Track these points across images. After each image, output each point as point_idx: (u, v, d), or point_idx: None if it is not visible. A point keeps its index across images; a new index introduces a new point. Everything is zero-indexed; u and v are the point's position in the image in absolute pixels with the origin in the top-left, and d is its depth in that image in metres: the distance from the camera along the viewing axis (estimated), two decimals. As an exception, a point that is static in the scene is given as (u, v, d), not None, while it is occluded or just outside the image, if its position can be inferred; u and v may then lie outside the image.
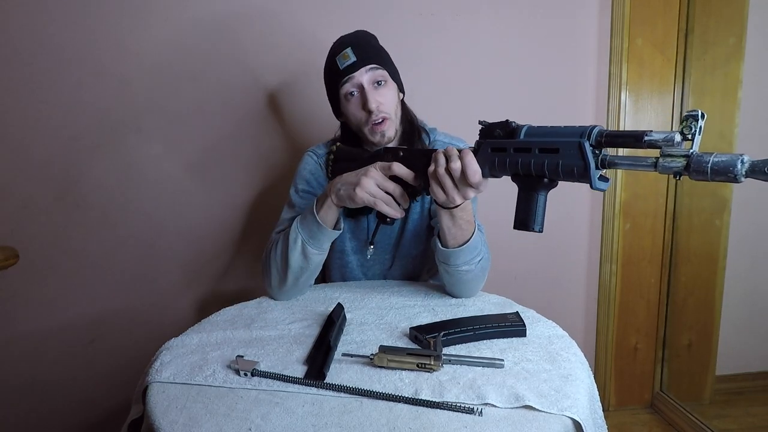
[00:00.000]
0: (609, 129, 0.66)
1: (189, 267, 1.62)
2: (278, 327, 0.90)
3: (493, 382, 0.70)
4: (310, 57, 1.57)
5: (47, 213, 1.52)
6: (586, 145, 0.65)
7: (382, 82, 1.08)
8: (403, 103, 1.17)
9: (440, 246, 0.97)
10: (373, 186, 0.90)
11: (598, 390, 0.78)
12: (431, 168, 0.84)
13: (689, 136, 0.56)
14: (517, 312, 0.91)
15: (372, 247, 1.05)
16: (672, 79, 1.77)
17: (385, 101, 1.08)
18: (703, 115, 0.55)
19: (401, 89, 1.16)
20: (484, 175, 0.80)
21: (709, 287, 1.82)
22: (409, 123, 1.17)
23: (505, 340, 0.84)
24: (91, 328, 1.60)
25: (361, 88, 1.06)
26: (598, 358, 1.91)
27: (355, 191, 0.89)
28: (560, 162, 0.68)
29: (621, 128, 1.75)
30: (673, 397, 1.88)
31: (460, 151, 0.82)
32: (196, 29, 1.52)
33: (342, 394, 0.69)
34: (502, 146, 0.76)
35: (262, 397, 0.69)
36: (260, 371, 0.73)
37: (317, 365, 0.74)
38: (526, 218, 0.75)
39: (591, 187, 0.66)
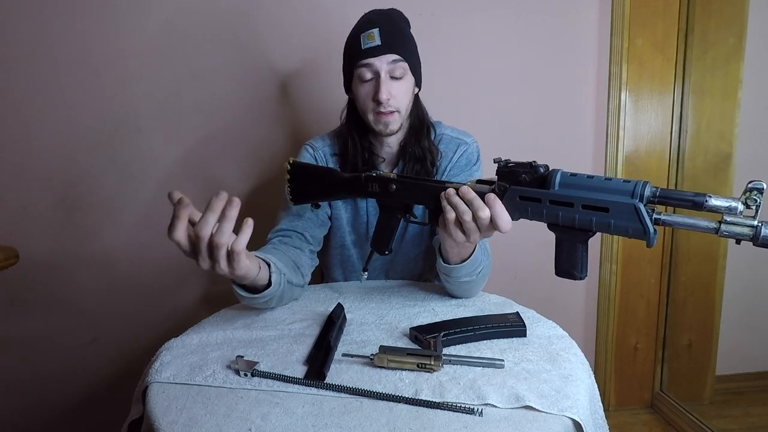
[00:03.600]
0: (660, 188, 0.63)
1: (189, 267, 1.62)
2: (278, 327, 0.90)
3: (494, 383, 0.70)
4: (309, 53, 1.57)
5: (47, 213, 1.52)
6: (642, 208, 0.62)
7: (400, 75, 1.04)
8: (416, 97, 1.13)
9: (442, 262, 0.96)
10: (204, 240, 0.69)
11: (598, 390, 0.78)
12: (451, 215, 0.77)
13: (752, 207, 0.57)
14: (518, 312, 0.91)
15: (366, 273, 1.00)
16: (672, 79, 1.77)
17: (398, 94, 1.04)
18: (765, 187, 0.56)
19: (418, 83, 1.12)
20: (513, 220, 0.75)
21: (709, 287, 1.82)
22: (419, 119, 1.13)
23: (505, 340, 0.84)
24: (91, 328, 1.60)
25: (377, 76, 1.03)
26: (598, 358, 1.91)
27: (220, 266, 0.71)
28: (612, 222, 0.65)
29: (621, 129, 1.75)
30: (673, 397, 1.88)
31: (481, 195, 0.74)
32: (195, 28, 1.52)
33: (342, 395, 0.69)
34: (536, 197, 0.71)
35: (262, 397, 0.69)
36: (260, 371, 0.73)
37: (317, 365, 0.74)
38: (571, 268, 0.72)
39: (647, 246, 0.63)
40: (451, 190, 0.77)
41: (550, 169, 0.70)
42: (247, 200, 1.63)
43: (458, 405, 0.65)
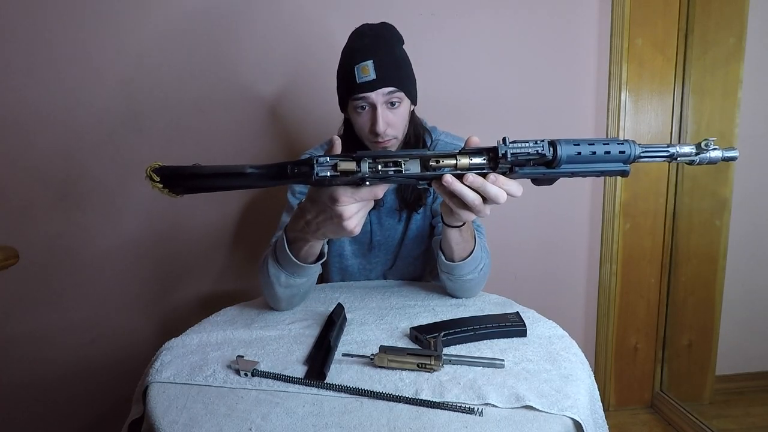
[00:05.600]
0: (643, 146, 0.70)
1: (189, 267, 1.62)
2: (278, 327, 0.90)
3: (494, 383, 0.70)
4: (310, 57, 1.57)
5: (47, 213, 1.52)
6: (629, 168, 0.70)
7: (397, 103, 1.04)
8: (412, 113, 1.13)
9: (445, 260, 0.96)
10: (359, 213, 0.72)
11: (598, 390, 0.78)
12: (457, 202, 0.70)
13: (702, 146, 0.70)
14: (518, 312, 0.91)
15: None
16: (672, 79, 1.77)
17: (394, 122, 1.04)
18: None
19: (414, 101, 1.11)
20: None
21: (709, 287, 1.82)
22: (415, 135, 1.13)
23: (505, 340, 0.84)
24: (91, 328, 1.60)
25: (374, 108, 1.02)
26: (598, 358, 1.91)
27: (343, 227, 0.71)
28: (599, 175, 0.72)
29: (621, 129, 1.75)
30: (673, 397, 1.88)
31: (484, 176, 0.68)
32: (197, 28, 1.52)
33: (342, 395, 0.69)
34: (539, 173, 0.69)
35: (262, 397, 0.69)
36: (260, 371, 0.73)
37: (317, 365, 0.74)
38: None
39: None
40: (453, 181, 0.67)
41: (556, 150, 0.66)
42: (248, 201, 1.63)
43: (458, 405, 0.65)
